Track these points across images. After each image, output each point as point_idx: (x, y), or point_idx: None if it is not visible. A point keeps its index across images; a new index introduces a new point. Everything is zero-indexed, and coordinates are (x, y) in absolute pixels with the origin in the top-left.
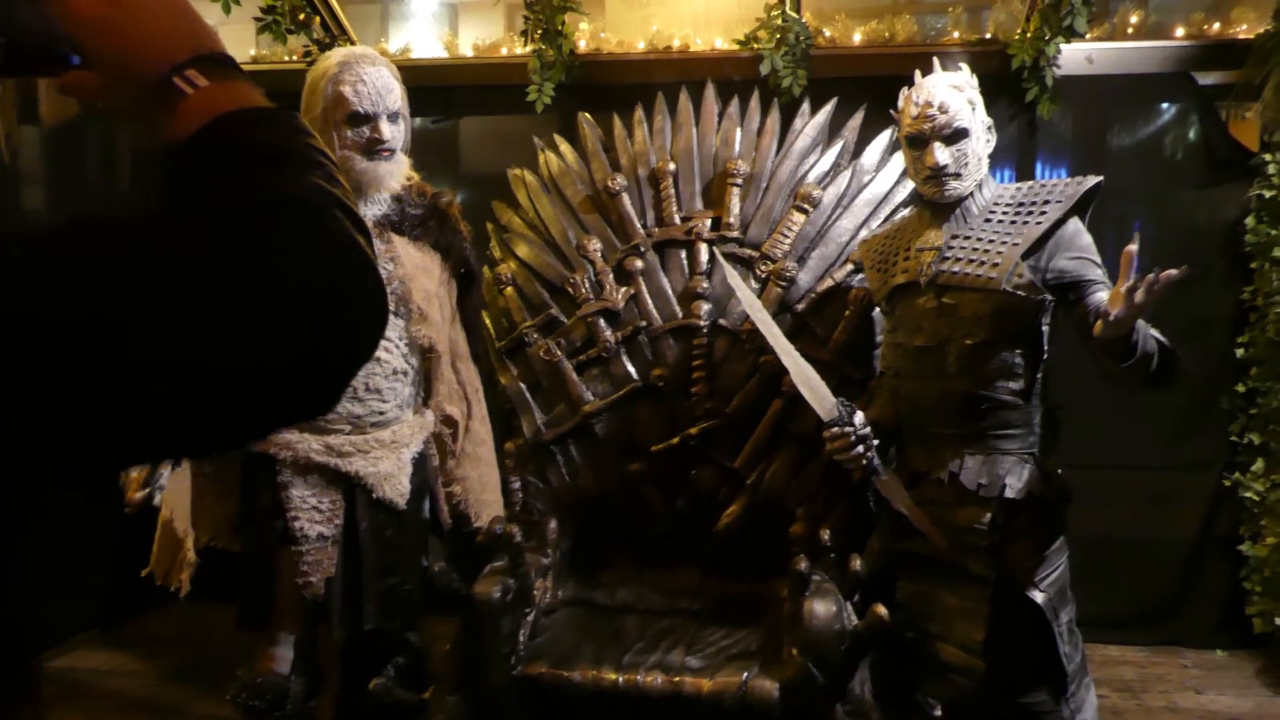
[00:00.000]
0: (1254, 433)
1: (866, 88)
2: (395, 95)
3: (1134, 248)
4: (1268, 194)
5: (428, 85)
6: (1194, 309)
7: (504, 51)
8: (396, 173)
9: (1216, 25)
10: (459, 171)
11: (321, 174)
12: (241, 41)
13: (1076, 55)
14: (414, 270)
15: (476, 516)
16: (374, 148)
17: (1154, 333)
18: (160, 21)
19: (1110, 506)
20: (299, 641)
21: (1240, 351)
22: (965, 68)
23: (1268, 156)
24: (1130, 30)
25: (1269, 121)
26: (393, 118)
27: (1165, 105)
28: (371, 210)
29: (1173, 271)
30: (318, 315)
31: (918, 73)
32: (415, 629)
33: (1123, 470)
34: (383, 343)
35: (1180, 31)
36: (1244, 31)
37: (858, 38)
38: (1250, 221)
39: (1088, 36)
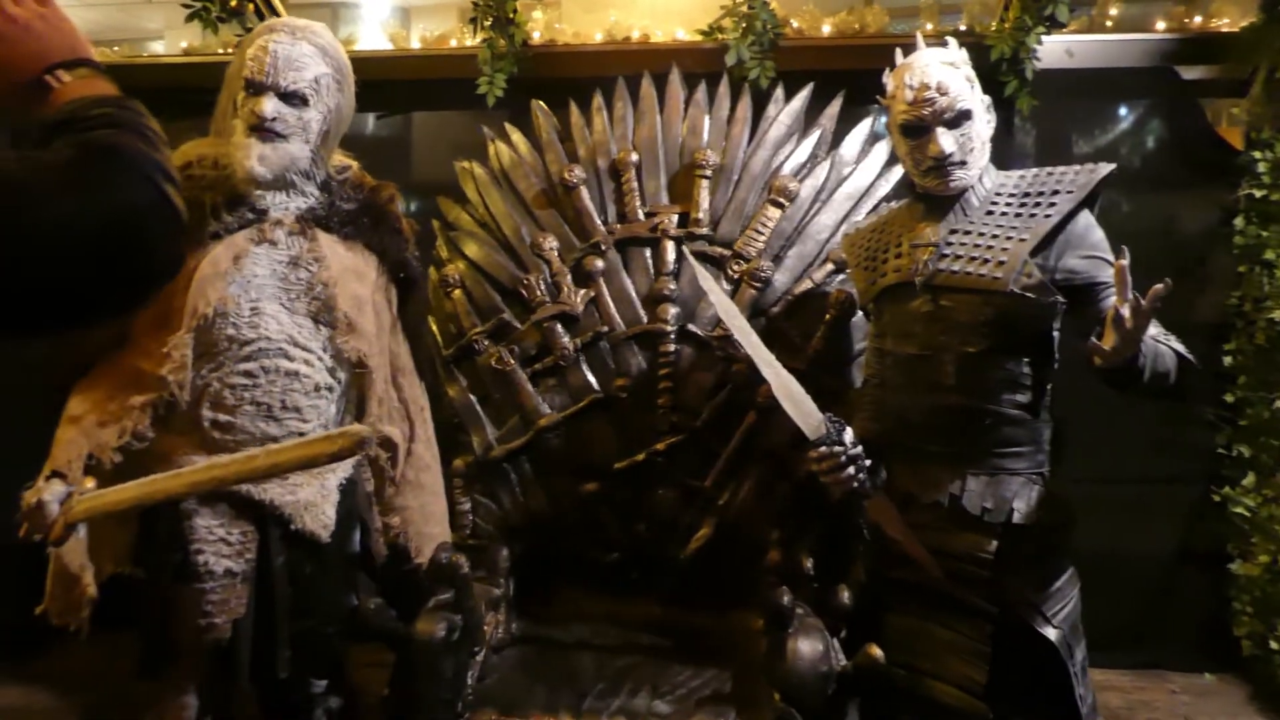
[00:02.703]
0: (1242, 445)
1: (837, 81)
2: (304, 75)
3: (1125, 262)
4: (1258, 194)
5: (372, 79)
6: (1176, 315)
7: (453, 44)
8: (275, 160)
9: (1199, 19)
10: (407, 169)
11: (140, 138)
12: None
13: (1056, 48)
14: (342, 272)
15: (418, 551)
16: (254, 124)
17: (1172, 344)
18: (40, 35)
19: (1087, 521)
20: (207, 690)
21: (1227, 360)
22: (953, 41)
23: (1256, 154)
24: (1109, 23)
25: (1255, 119)
26: (289, 98)
27: (1147, 101)
28: (294, 203)
29: (1159, 287)
30: (123, 227)
31: (899, 51)
32: (341, 676)
33: (1100, 484)
34: (302, 355)
35: (1162, 25)
36: (1227, 25)
37: (827, 29)
38: (1239, 223)
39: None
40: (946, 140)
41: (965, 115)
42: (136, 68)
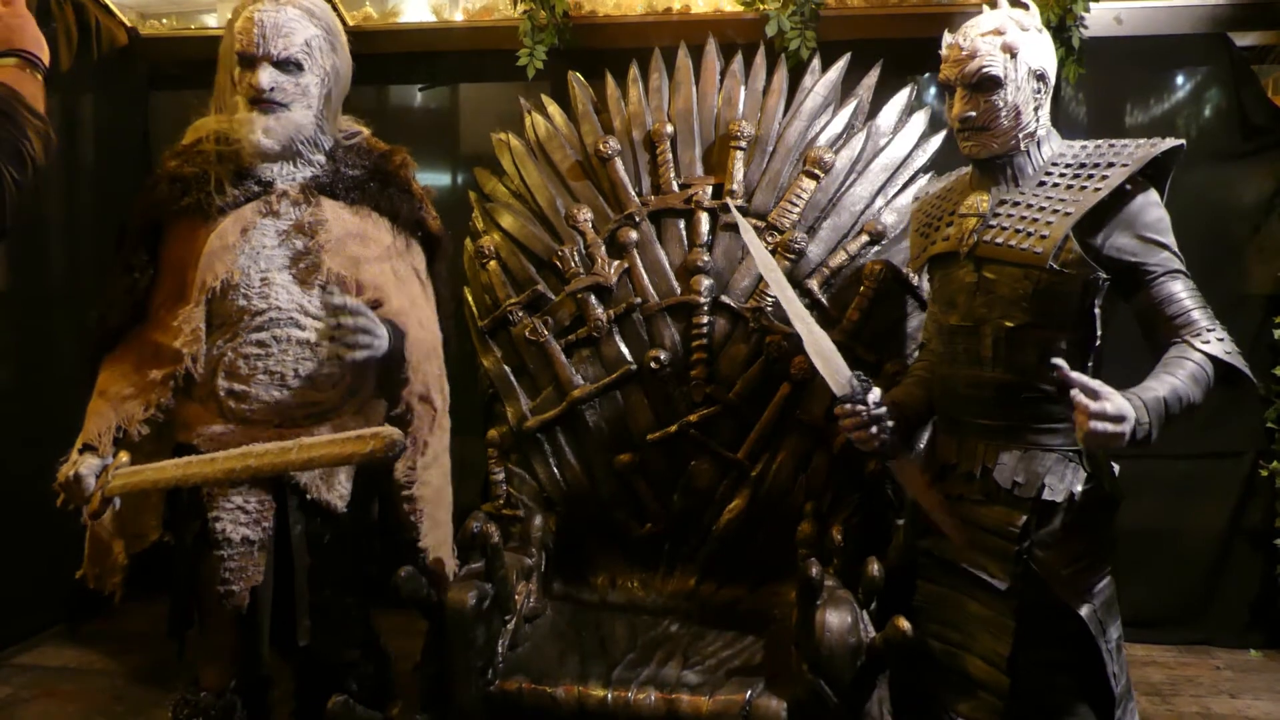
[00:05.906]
0: None
1: (878, 52)
2: (292, 40)
3: (1060, 361)
4: None
5: (416, 52)
6: (1228, 286)
7: (495, 16)
8: (280, 131)
9: None
10: (451, 141)
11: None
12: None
13: (1104, 15)
14: (343, 236)
15: (424, 534)
16: (253, 97)
17: (1209, 350)
18: None
19: (1133, 497)
20: (236, 654)
21: (1278, 332)
22: (1004, 3)
23: None
24: None
25: None
26: (283, 65)
27: (1200, 69)
28: (300, 173)
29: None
30: None
31: (986, 7)
32: (372, 644)
33: (1146, 459)
34: (313, 324)
35: None
36: None
37: None
38: None
39: None
40: (964, 103)
41: (991, 80)
42: (186, 40)
